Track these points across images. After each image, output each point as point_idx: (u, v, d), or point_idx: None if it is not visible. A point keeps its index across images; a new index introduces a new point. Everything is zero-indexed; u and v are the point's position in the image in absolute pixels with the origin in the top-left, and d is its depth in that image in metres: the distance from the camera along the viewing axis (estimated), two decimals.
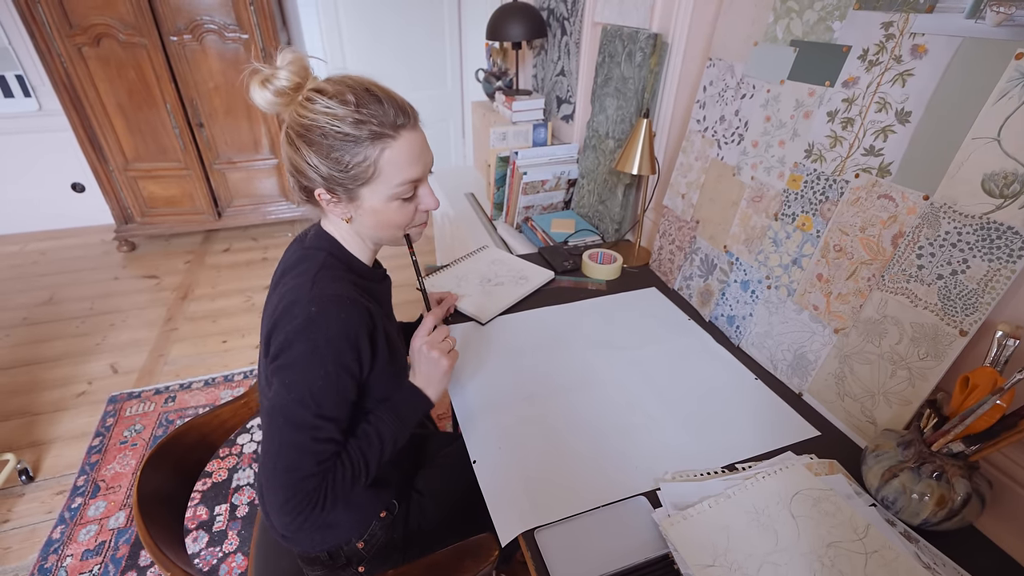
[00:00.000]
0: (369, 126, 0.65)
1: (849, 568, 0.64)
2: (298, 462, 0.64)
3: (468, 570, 0.75)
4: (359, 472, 0.70)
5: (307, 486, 0.64)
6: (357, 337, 0.67)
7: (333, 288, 0.67)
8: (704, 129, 1.15)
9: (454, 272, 1.29)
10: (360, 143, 0.65)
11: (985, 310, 0.67)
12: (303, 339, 0.63)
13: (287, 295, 0.67)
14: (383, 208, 0.71)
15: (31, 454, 1.69)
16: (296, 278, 0.70)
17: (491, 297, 1.18)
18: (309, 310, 0.64)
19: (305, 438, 0.64)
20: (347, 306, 0.66)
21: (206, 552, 1.40)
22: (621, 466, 0.80)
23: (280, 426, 0.64)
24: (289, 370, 0.64)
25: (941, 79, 0.71)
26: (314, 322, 0.63)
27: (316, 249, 0.74)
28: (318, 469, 0.65)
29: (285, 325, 0.64)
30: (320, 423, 0.65)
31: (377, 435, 0.73)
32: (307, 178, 0.69)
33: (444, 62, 3.17)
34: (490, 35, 1.83)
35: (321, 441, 0.65)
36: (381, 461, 0.73)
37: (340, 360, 0.65)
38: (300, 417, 0.64)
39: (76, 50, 2.39)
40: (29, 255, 2.94)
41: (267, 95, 0.65)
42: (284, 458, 0.64)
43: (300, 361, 0.64)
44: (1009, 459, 0.70)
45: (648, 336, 1.09)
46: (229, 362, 2.11)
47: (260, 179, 2.97)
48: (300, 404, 0.64)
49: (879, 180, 0.79)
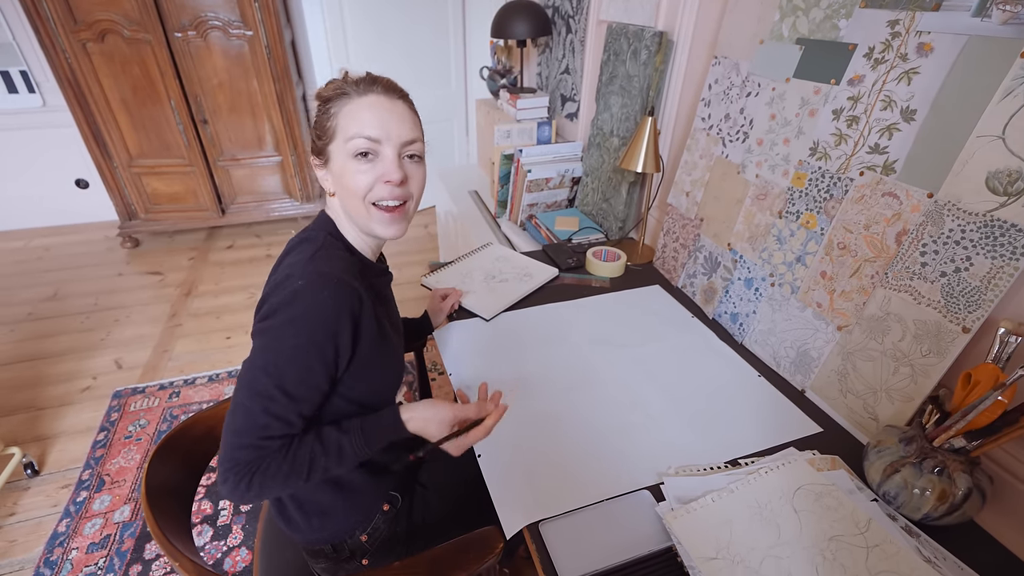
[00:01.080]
0: (336, 86, 0.72)
1: (851, 562, 0.64)
2: (243, 428, 0.63)
3: (472, 563, 0.75)
4: (300, 471, 0.66)
5: (240, 455, 0.63)
6: (337, 318, 0.66)
7: (327, 266, 0.68)
8: (709, 127, 1.15)
9: (458, 269, 1.29)
10: (329, 102, 0.72)
11: (988, 307, 0.68)
12: (284, 310, 0.64)
13: (283, 270, 0.70)
14: (343, 169, 0.72)
15: (36, 448, 1.70)
16: (296, 255, 0.72)
17: (495, 294, 1.19)
18: (297, 283, 0.65)
19: (257, 406, 0.63)
20: (333, 285, 0.66)
21: (211, 546, 1.41)
22: (625, 461, 0.80)
23: (240, 387, 0.65)
24: (263, 335, 0.65)
25: (947, 77, 0.71)
26: (298, 295, 0.64)
27: (316, 230, 0.77)
28: (257, 443, 0.64)
29: (274, 297, 0.66)
30: (276, 395, 0.63)
31: (337, 447, 0.69)
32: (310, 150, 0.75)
33: (448, 60, 3.17)
34: (495, 33, 1.83)
35: (271, 415, 0.64)
36: (329, 473, 0.70)
37: (313, 337, 0.65)
38: (259, 384, 0.64)
39: (81, 46, 2.40)
40: (33, 251, 2.95)
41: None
42: (233, 420, 0.64)
43: (275, 329, 0.64)
44: (1010, 455, 0.70)
45: (651, 333, 1.10)
46: (233, 358, 2.12)
47: (264, 176, 2.98)
48: (263, 371, 0.64)
49: (883, 178, 0.80)
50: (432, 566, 0.76)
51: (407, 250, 2.98)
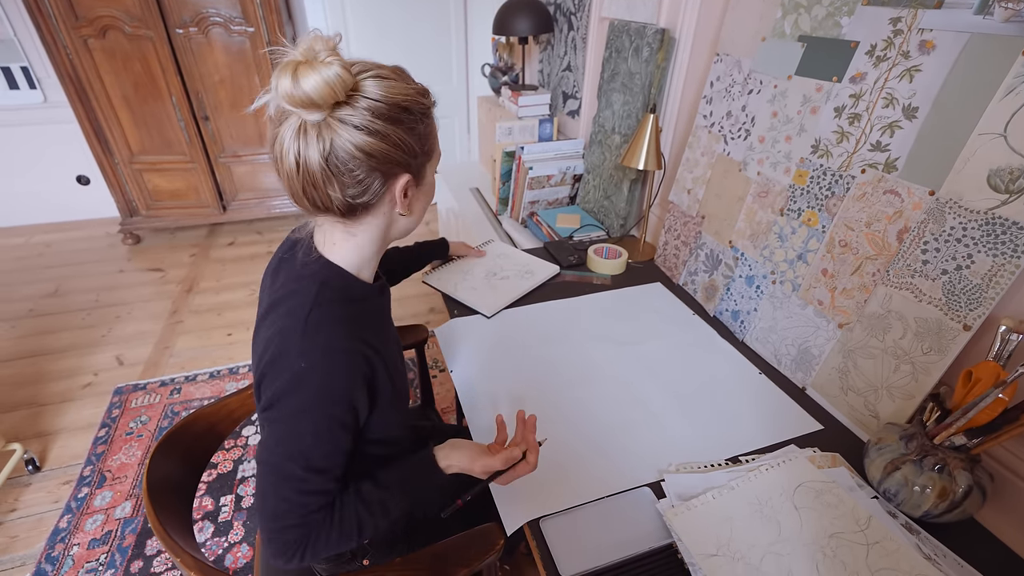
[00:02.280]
0: (430, 98, 0.64)
1: (851, 558, 0.64)
2: (283, 512, 0.62)
3: (473, 560, 0.76)
4: (350, 536, 0.65)
5: (287, 536, 0.62)
6: (351, 390, 0.62)
7: (324, 337, 0.61)
8: (711, 124, 1.15)
9: (459, 266, 1.29)
10: (429, 113, 0.63)
11: (989, 305, 0.68)
12: (291, 396, 0.59)
13: (275, 341, 0.62)
14: (429, 186, 0.69)
15: (37, 444, 1.70)
16: (286, 318, 0.63)
17: (496, 291, 1.19)
18: (298, 365, 0.59)
19: (290, 491, 0.61)
20: (338, 358, 0.60)
21: (211, 542, 1.41)
22: (626, 457, 0.80)
23: (266, 474, 0.62)
24: (278, 424, 0.61)
25: (948, 75, 0.71)
26: (303, 380, 0.59)
27: (309, 279, 0.65)
28: (302, 521, 0.62)
29: (274, 379, 0.60)
30: (308, 476, 0.61)
31: (381, 506, 0.68)
32: (389, 167, 0.60)
33: (450, 57, 3.16)
34: (496, 30, 1.83)
35: (308, 494, 0.62)
36: (380, 530, 0.68)
37: (332, 414, 0.61)
38: (288, 470, 0.61)
39: (82, 42, 2.39)
40: (34, 247, 2.95)
41: (334, 69, 0.54)
42: (270, 506, 0.62)
43: (289, 418, 0.60)
44: (1010, 452, 0.70)
45: (652, 331, 1.10)
46: (234, 355, 2.12)
47: (265, 173, 2.98)
48: (288, 458, 0.61)
49: (885, 175, 0.80)
50: (433, 562, 0.76)
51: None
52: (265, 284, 0.74)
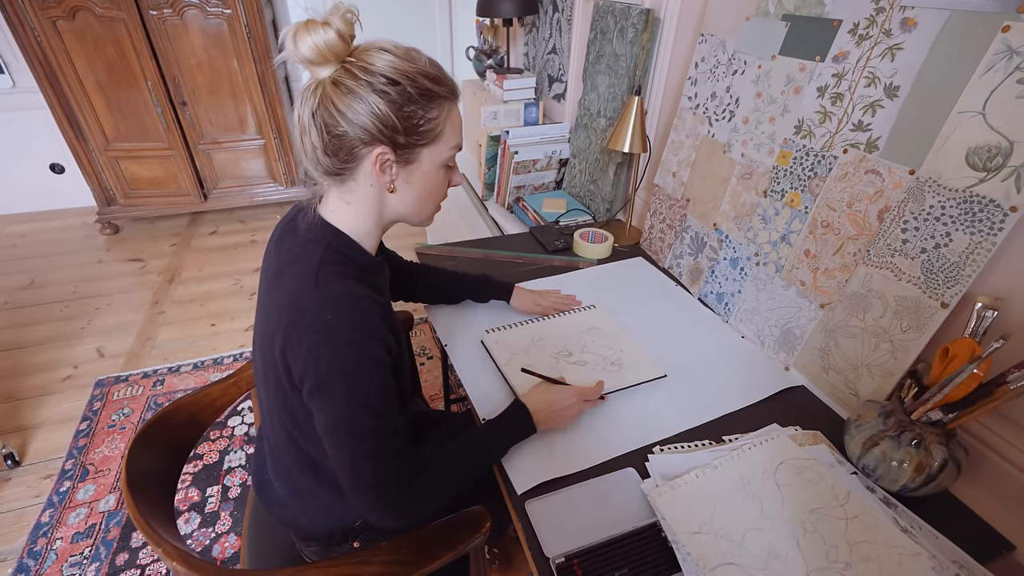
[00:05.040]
0: (447, 85, 0.66)
1: (830, 533, 0.66)
2: (374, 467, 0.64)
3: (460, 542, 0.76)
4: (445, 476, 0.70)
5: (382, 488, 0.65)
6: (378, 328, 0.63)
7: (339, 286, 0.63)
8: (695, 106, 1.14)
9: (530, 332, 1.02)
10: (435, 100, 0.65)
11: (966, 282, 0.69)
12: (328, 354, 0.60)
13: (292, 304, 0.63)
14: (433, 174, 0.70)
15: (16, 439, 1.67)
16: (296, 279, 0.65)
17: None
18: (324, 319, 0.60)
19: (372, 444, 0.63)
20: (360, 301, 0.62)
21: (199, 533, 1.40)
22: (612, 430, 0.82)
23: (343, 442, 0.63)
24: (328, 388, 0.61)
25: (929, 53, 0.71)
26: (333, 331, 0.60)
27: (314, 242, 0.68)
28: (395, 461, 0.65)
29: (302, 343, 0.61)
30: (377, 423, 0.63)
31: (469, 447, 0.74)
32: (365, 133, 0.62)
33: (434, 40, 3.11)
34: (481, 11, 1.79)
35: (386, 438, 0.64)
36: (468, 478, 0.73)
37: (373, 356, 0.62)
38: (358, 426, 0.62)
39: (51, 24, 2.30)
40: (8, 238, 2.86)
41: (329, 34, 0.60)
42: (360, 469, 0.64)
43: (335, 376, 0.61)
44: (985, 427, 0.72)
45: (637, 302, 1.13)
46: (218, 345, 2.09)
47: (247, 160, 2.91)
48: (354, 415, 0.62)
49: (867, 155, 0.80)
50: (421, 546, 0.76)
51: (395, 233, 2.95)
52: (269, 253, 0.75)
